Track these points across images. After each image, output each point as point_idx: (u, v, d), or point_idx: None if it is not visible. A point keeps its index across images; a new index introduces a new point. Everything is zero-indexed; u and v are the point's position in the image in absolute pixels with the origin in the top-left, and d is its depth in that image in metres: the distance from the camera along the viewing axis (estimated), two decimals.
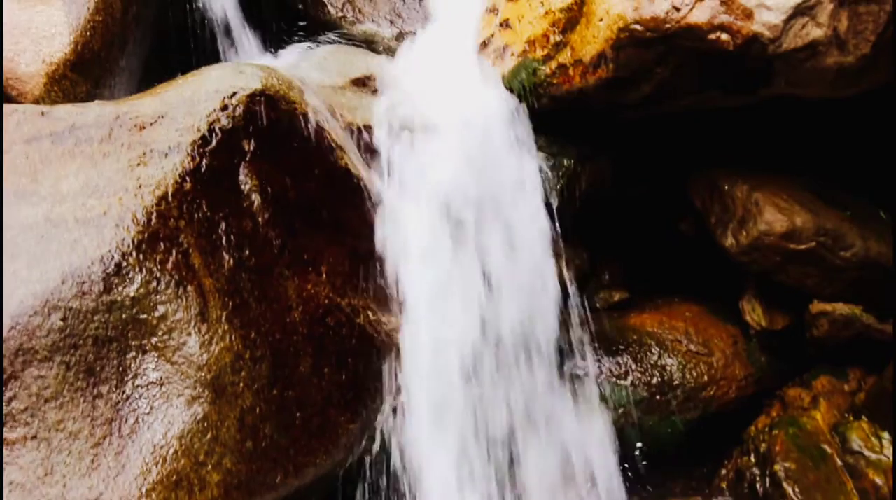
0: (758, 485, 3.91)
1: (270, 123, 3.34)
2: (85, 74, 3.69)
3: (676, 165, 4.32)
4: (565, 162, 4.07)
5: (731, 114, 4.03)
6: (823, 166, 4.20)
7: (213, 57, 4.55)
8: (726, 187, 4.10)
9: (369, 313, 3.42)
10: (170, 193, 3.03)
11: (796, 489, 3.77)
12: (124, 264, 2.87)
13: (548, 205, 3.93)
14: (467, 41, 4.31)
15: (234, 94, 3.30)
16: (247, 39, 4.69)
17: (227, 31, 4.61)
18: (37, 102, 3.57)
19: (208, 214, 3.08)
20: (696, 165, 4.30)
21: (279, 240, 3.23)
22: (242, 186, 3.21)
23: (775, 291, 4.16)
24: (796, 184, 4.14)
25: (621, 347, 4.16)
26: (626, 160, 4.27)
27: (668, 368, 4.12)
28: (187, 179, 3.08)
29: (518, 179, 3.88)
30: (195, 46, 4.50)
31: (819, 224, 3.96)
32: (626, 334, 4.21)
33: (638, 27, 3.60)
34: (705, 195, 4.19)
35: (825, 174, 4.20)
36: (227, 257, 3.07)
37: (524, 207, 3.87)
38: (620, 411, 4.01)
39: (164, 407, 2.84)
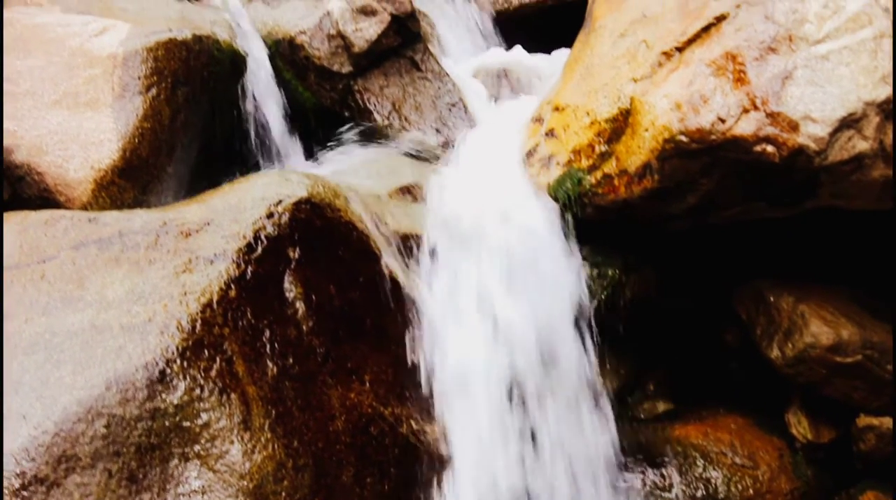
0: None
1: (316, 230, 3.36)
2: (133, 181, 3.72)
3: (722, 275, 4.30)
4: (610, 272, 4.06)
5: (777, 223, 4.01)
6: (870, 277, 4.17)
7: (259, 163, 4.59)
8: (772, 299, 4.07)
9: (412, 423, 3.40)
10: (214, 301, 3.03)
11: None
12: (168, 371, 2.87)
13: (592, 315, 3.92)
14: (512, 150, 4.32)
15: (280, 201, 3.32)
16: (293, 146, 4.73)
17: (274, 137, 4.65)
18: (84, 207, 3.60)
19: (253, 321, 3.08)
20: (742, 275, 4.28)
21: (323, 348, 3.23)
22: (287, 294, 3.21)
23: (821, 403, 4.11)
24: (842, 295, 4.11)
25: (665, 459, 4.11)
26: (672, 270, 4.25)
27: (713, 481, 4.07)
28: (232, 286, 3.08)
29: (562, 289, 3.88)
30: (242, 153, 4.54)
31: (866, 337, 3.92)
32: (671, 445, 4.17)
33: (683, 138, 3.61)
34: (750, 306, 4.17)
35: (872, 286, 4.17)
36: (270, 364, 3.07)
37: (568, 317, 3.86)
38: None
39: None
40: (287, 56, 4.83)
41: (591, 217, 4.00)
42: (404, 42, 4.94)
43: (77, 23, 4.04)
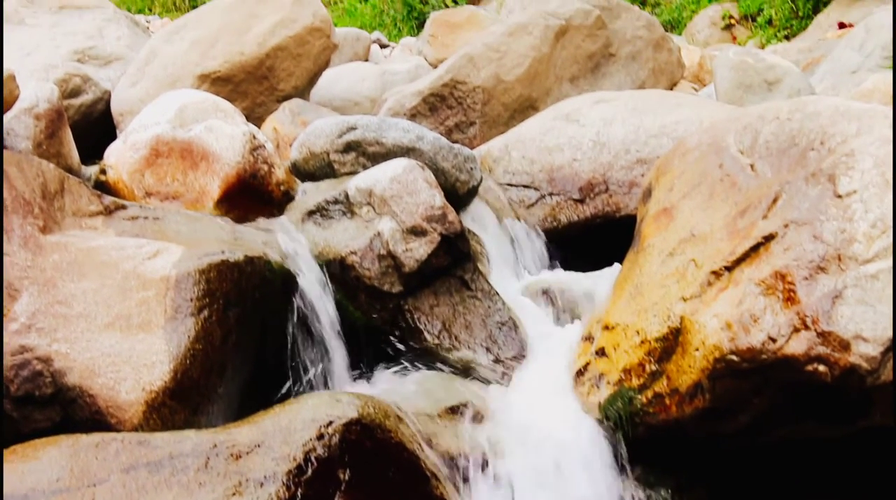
0: None
1: (366, 452, 3.36)
2: (183, 402, 3.74)
3: (775, 495, 4.25)
4: (662, 492, 4.02)
5: (831, 443, 3.97)
6: None
7: (311, 380, 4.60)
8: None
9: None
10: None
11: None
12: None
13: None
14: (563, 369, 4.34)
15: (331, 423, 3.33)
16: (344, 364, 4.74)
17: (325, 356, 4.67)
18: (135, 429, 3.60)
19: None
20: (796, 492, 4.23)
21: None
22: None
23: None
24: None
25: None
26: (725, 489, 4.20)
27: None
28: None
29: None
30: (294, 370, 4.55)
31: None
32: None
33: (734, 358, 3.61)
34: None
35: None
36: None
37: None
38: None
39: None
40: (337, 275, 4.87)
41: (643, 436, 3.99)
42: (454, 261, 4.98)
43: (131, 246, 4.10)
